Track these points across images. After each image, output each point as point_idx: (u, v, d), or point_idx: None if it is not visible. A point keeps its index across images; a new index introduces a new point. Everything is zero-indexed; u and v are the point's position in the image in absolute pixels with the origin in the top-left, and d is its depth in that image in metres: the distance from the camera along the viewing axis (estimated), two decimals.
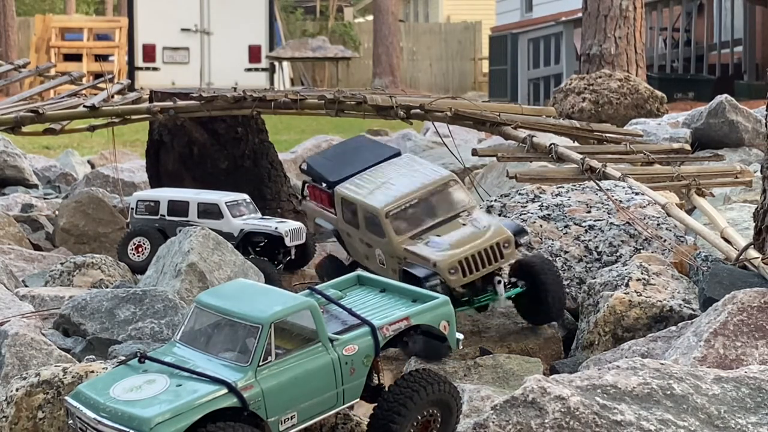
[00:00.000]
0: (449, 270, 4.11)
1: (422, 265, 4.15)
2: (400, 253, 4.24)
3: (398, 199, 4.29)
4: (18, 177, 10.70)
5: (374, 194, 4.35)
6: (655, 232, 5.23)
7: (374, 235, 4.31)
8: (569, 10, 21.75)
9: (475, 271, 4.15)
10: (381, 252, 4.30)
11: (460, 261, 4.12)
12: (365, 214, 4.33)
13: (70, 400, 3.14)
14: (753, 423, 3.38)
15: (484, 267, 4.17)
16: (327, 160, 4.89)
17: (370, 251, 4.39)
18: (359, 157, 4.76)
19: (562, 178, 5.76)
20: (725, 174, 5.96)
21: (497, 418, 3.33)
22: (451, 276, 4.11)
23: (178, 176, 7.50)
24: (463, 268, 4.13)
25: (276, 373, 3.13)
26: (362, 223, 4.36)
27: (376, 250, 4.34)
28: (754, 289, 4.14)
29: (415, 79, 35.19)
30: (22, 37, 31.58)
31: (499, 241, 4.19)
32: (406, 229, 4.28)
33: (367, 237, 4.36)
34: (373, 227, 4.30)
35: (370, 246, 4.36)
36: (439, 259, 4.12)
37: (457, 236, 4.22)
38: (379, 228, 4.27)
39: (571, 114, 10.65)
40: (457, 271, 4.12)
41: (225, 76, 25.37)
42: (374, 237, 4.31)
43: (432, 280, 4.10)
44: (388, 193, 4.32)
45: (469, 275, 4.14)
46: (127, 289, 5.01)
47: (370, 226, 4.33)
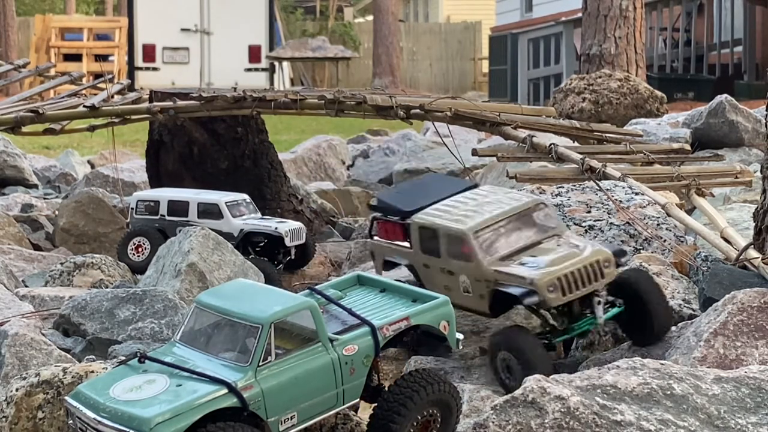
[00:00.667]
0: (548, 287, 3.80)
1: (517, 284, 3.88)
2: (490, 276, 3.93)
3: (485, 221, 4.03)
4: (18, 177, 10.70)
5: (457, 219, 4.08)
6: (655, 232, 5.23)
7: (458, 260, 4.03)
8: (569, 10, 21.75)
9: (575, 290, 3.86)
10: (466, 278, 4.01)
11: (559, 278, 3.83)
12: (448, 240, 4.05)
13: (70, 400, 3.14)
14: (753, 423, 3.38)
15: (584, 286, 3.88)
16: (398, 193, 4.63)
17: (452, 280, 4.09)
18: (434, 189, 4.48)
19: (562, 178, 5.76)
20: (725, 174, 5.96)
21: (497, 418, 3.33)
22: (550, 294, 3.81)
23: (178, 176, 7.50)
24: (563, 285, 3.83)
25: (276, 373, 3.13)
26: (444, 250, 4.07)
27: (461, 277, 4.04)
28: (754, 289, 4.14)
29: (415, 79, 35.18)
30: (22, 37, 31.57)
31: (600, 260, 3.92)
32: (495, 251, 4.00)
33: (449, 264, 4.07)
34: (457, 253, 4.03)
35: (453, 274, 4.07)
36: (537, 276, 3.82)
37: (553, 256, 3.95)
38: (464, 252, 3.99)
39: (571, 114, 10.65)
40: (557, 289, 3.82)
41: (225, 76, 25.35)
42: (458, 263, 4.03)
43: (529, 298, 3.81)
44: (473, 216, 4.05)
45: (568, 294, 3.85)
46: (127, 289, 5.01)
47: (452, 252, 4.05)
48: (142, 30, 27.28)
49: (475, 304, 4.01)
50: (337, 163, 11.40)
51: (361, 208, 9.17)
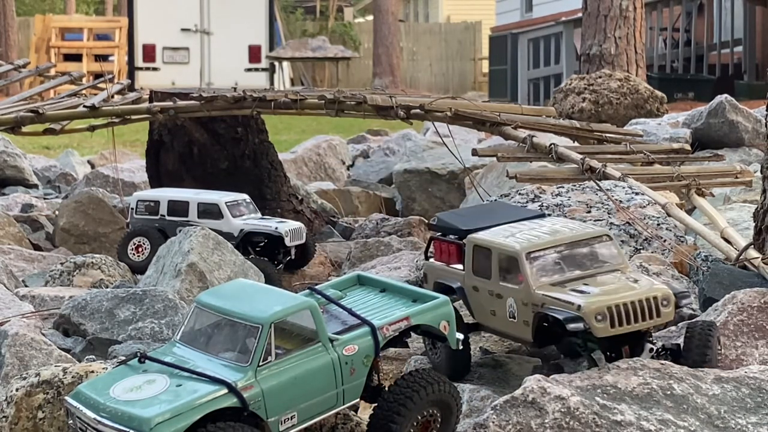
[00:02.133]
0: (596, 315, 3.57)
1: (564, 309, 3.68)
2: (537, 300, 3.74)
3: (542, 243, 3.85)
4: (18, 177, 10.70)
5: (514, 238, 3.92)
6: (655, 232, 5.23)
7: (508, 283, 3.85)
8: (569, 10, 21.75)
9: (626, 324, 3.60)
10: (513, 302, 3.82)
11: (609, 307, 3.59)
12: (500, 259, 3.88)
13: (70, 400, 3.14)
14: (753, 423, 3.38)
15: (637, 322, 3.62)
16: (460, 215, 4.47)
17: (499, 304, 3.90)
18: (499, 214, 4.33)
19: (562, 178, 5.76)
20: (725, 174, 5.97)
21: (497, 418, 3.33)
22: (597, 323, 3.57)
23: (178, 176, 7.50)
24: (612, 316, 3.58)
25: (276, 373, 3.13)
26: (495, 271, 3.90)
27: (508, 301, 3.85)
28: (754, 289, 4.15)
29: (415, 79, 35.18)
30: (22, 37, 31.56)
31: (657, 296, 3.65)
32: (547, 275, 3.81)
33: (498, 287, 3.90)
34: (508, 274, 3.86)
35: (501, 297, 3.89)
36: (585, 303, 3.60)
37: (607, 287, 3.72)
38: (515, 274, 3.83)
39: (571, 114, 10.65)
40: (605, 319, 3.58)
41: (225, 76, 25.36)
42: (507, 285, 3.85)
43: (575, 324, 3.58)
44: (530, 238, 3.88)
45: (618, 327, 3.59)
46: (127, 289, 5.01)
47: (504, 273, 3.87)
48: (142, 30, 27.28)
49: (520, 331, 3.84)
50: (337, 163, 11.40)
51: (361, 208, 9.17)
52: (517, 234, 3.95)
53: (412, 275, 5.32)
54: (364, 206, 9.19)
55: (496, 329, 3.95)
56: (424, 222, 7.45)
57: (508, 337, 4.06)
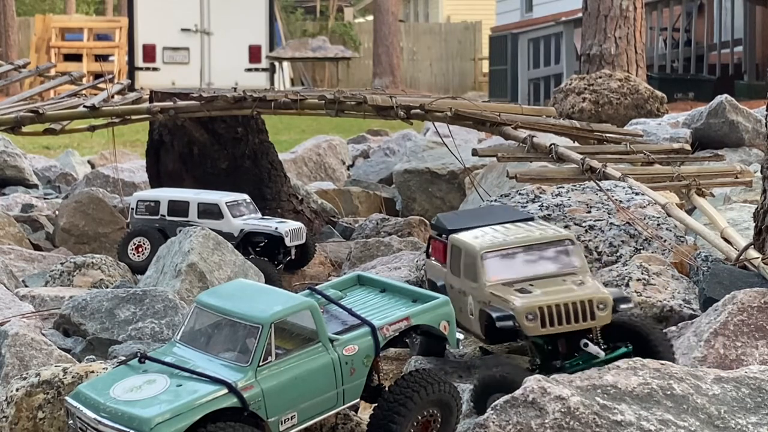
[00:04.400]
0: (527, 315, 3.68)
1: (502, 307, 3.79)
2: (486, 297, 3.86)
3: (500, 243, 3.94)
4: (18, 177, 10.70)
5: (479, 239, 4.01)
6: (655, 232, 5.23)
7: (469, 280, 3.97)
8: (569, 10, 21.75)
9: (557, 325, 3.70)
10: (471, 299, 3.94)
11: (540, 308, 3.69)
12: (465, 258, 4.00)
13: (70, 400, 3.14)
14: (753, 423, 3.38)
15: (569, 323, 3.71)
16: (456, 216, 4.61)
17: (463, 301, 4.01)
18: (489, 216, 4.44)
19: (562, 178, 5.76)
20: (725, 174, 5.97)
21: (497, 418, 3.33)
22: (527, 322, 3.68)
23: (178, 176, 7.50)
24: (543, 316, 3.69)
25: (276, 373, 3.13)
26: (462, 270, 4.02)
27: (468, 298, 3.97)
28: (754, 289, 4.15)
29: (415, 79, 35.19)
30: (22, 37, 31.57)
31: (593, 299, 3.73)
32: (501, 275, 3.89)
33: (464, 285, 4.01)
34: (470, 272, 3.97)
35: (465, 294, 4.01)
36: (519, 303, 3.71)
37: (551, 290, 3.80)
38: (473, 272, 3.94)
39: (571, 114, 10.65)
40: (536, 318, 3.68)
41: (225, 76, 25.37)
42: (469, 283, 3.97)
43: (504, 321, 3.70)
44: (493, 240, 3.98)
45: (549, 327, 3.70)
46: (127, 289, 5.01)
47: (467, 272, 3.99)
48: (142, 30, 27.30)
49: (476, 328, 3.95)
50: (337, 163, 11.40)
51: (361, 208, 9.17)
52: (487, 235, 4.05)
53: (412, 275, 5.32)
54: (364, 206, 9.19)
55: (464, 326, 4.03)
56: (425, 222, 7.46)
57: (471, 334, 4.11)
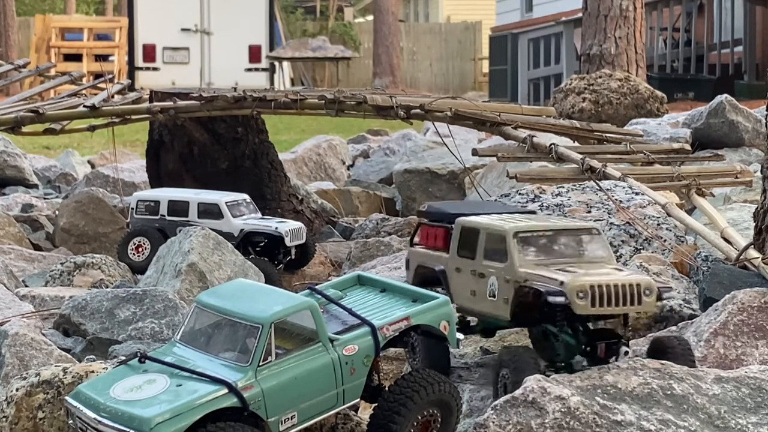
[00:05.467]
0: (578, 292, 3.56)
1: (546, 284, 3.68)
2: (521, 276, 3.75)
3: (531, 227, 3.88)
4: (18, 177, 10.71)
5: (503, 221, 3.96)
6: (655, 232, 5.23)
7: (493, 261, 3.86)
8: (569, 10, 21.74)
9: (607, 306, 3.59)
10: (495, 280, 3.84)
11: (592, 286, 3.58)
12: (488, 239, 3.91)
13: (71, 400, 3.14)
14: (753, 423, 3.39)
15: (618, 305, 3.60)
16: (451, 205, 4.61)
17: (480, 284, 3.91)
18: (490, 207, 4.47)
19: (562, 178, 5.77)
20: (725, 174, 5.97)
21: (497, 418, 3.33)
22: (578, 299, 3.56)
23: (179, 176, 7.50)
24: (594, 295, 3.57)
25: (276, 373, 3.13)
26: (480, 252, 3.93)
27: (490, 280, 3.86)
28: (754, 289, 4.15)
29: (415, 79, 35.18)
30: (22, 37, 31.56)
31: (641, 284, 3.64)
32: (533, 255, 3.83)
33: (481, 267, 3.92)
34: (494, 253, 3.87)
35: (483, 276, 3.90)
36: (569, 279, 3.61)
37: (594, 272, 3.72)
38: (501, 253, 3.83)
39: (571, 114, 10.65)
40: (587, 297, 3.56)
41: (225, 76, 25.35)
42: (492, 264, 3.87)
43: (555, 297, 3.59)
44: (519, 223, 3.92)
45: (599, 307, 3.58)
46: (127, 289, 5.01)
47: (489, 253, 3.89)
48: (142, 30, 27.29)
49: (498, 309, 3.85)
50: (337, 163, 11.40)
51: (361, 208, 9.17)
52: (506, 219, 4.04)
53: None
54: (364, 206, 9.19)
55: (473, 309, 3.98)
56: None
57: (483, 317, 4.05)
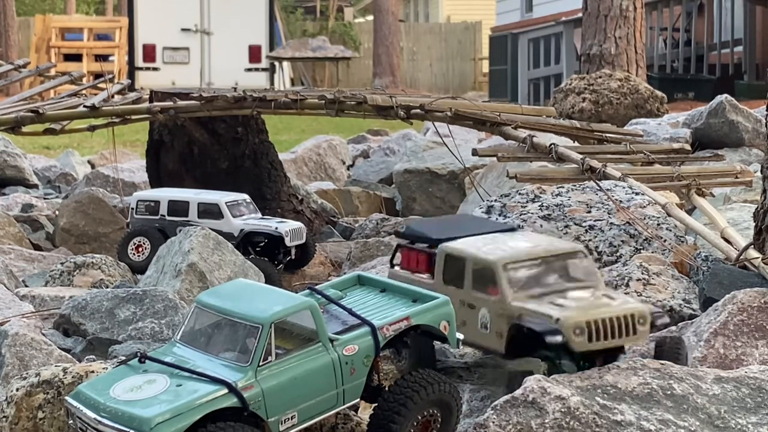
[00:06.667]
0: (574, 329, 3.52)
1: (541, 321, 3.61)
2: (513, 311, 3.67)
3: (518, 256, 3.79)
4: (18, 177, 10.70)
5: (489, 250, 3.85)
6: (655, 232, 5.23)
7: (482, 293, 3.79)
8: (569, 10, 21.75)
9: (603, 340, 3.55)
10: (487, 313, 3.76)
11: (588, 322, 3.54)
12: (475, 270, 3.82)
13: (71, 400, 3.14)
14: (753, 423, 3.39)
15: (614, 338, 3.58)
16: (430, 224, 4.45)
17: (470, 314, 3.83)
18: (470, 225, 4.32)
19: (562, 178, 5.77)
20: (725, 174, 5.97)
21: (497, 418, 3.33)
22: (575, 336, 3.52)
23: (179, 176, 7.50)
24: (591, 331, 3.53)
25: (276, 373, 3.13)
26: (468, 281, 3.84)
27: (481, 311, 3.79)
28: (754, 289, 4.15)
29: (415, 79, 35.20)
30: (22, 37, 31.58)
31: (635, 314, 3.61)
32: (523, 288, 3.74)
33: (470, 297, 3.83)
34: (482, 285, 3.78)
35: (473, 307, 3.83)
36: (564, 316, 3.55)
37: (584, 301, 3.67)
38: (489, 285, 3.75)
39: (571, 114, 10.65)
40: (583, 333, 3.52)
41: (225, 76, 25.38)
42: (481, 296, 3.79)
43: (552, 336, 3.52)
44: (506, 251, 3.82)
45: (595, 342, 3.55)
46: (127, 289, 5.01)
47: (477, 284, 3.81)
48: (143, 30, 27.32)
49: (491, 343, 3.77)
50: (337, 163, 11.40)
51: (361, 208, 9.17)
52: (491, 246, 3.90)
53: None
54: (364, 206, 9.19)
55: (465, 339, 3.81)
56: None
57: (476, 347, 3.97)
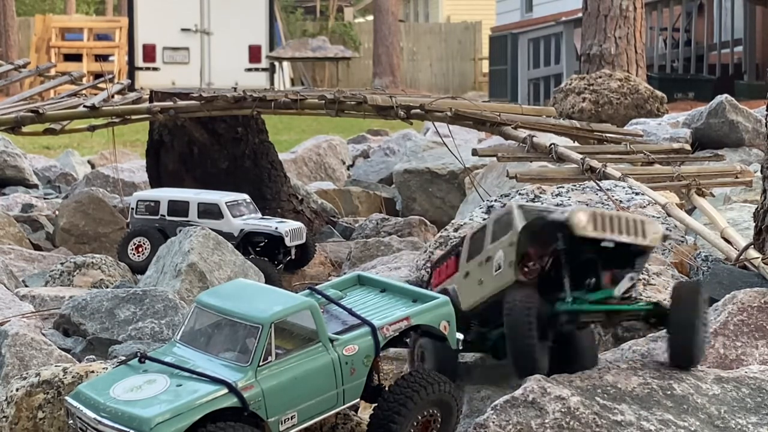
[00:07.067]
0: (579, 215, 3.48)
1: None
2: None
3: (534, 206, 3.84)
4: (18, 177, 10.70)
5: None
6: None
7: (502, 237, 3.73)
8: (569, 10, 21.76)
9: (610, 232, 3.48)
10: (501, 252, 3.71)
11: (594, 212, 3.50)
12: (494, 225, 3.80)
13: (71, 400, 3.14)
14: (753, 423, 3.39)
15: (622, 234, 3.49)
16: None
17: (486, 269, 3.79)
18: None
19: (562, 178, 5.77)
20: (725, 174, 5.97)
21: (497, 418, 3.33)
22: (579, 221, 3.47)
23: (179, 176, 7.51)
24: (596, 220, 3.49)
25: (276, 373, 3.13)
26: (489, 236, 3.81)
27: (497, 255, 3.74)
28: (754, 289, 4.15)
29: (415, 79, 35.20)
30: (22, 37, 31.58)
31: (644, 221, 3.55)
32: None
33: (488, 251, 3.79)
34: (501, 232, 3.75)
35: (489, 259, 3.79)
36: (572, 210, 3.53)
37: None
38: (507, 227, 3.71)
39: (571, 114, 10.66)
40: (589, 221, 3.47)
41: (225, 76, 25.38)
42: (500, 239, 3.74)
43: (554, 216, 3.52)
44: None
45: (600, 230, 3.48)
46: (127, 289, 5.01)
47: (498, 232, 3.76)
48: (142, 30, 27.32)
49: (504, 277, 3.70)
50: (337, 163, 11.40)
51: (361, 208, 9.17)
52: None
53: (412, 275, 5.32)
54: (364, 206, 9.19)
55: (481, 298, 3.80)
56: (424, 222, 7.46)
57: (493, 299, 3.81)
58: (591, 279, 3.58)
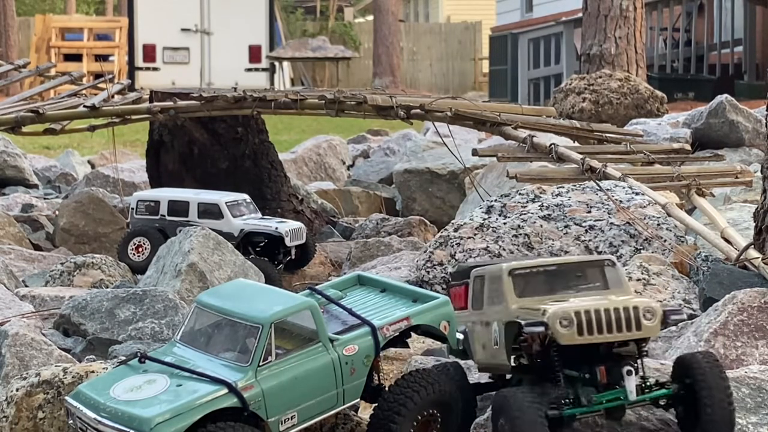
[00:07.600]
0: (561, 320, 3.17)
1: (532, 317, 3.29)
2: (514, 314, 3.36)
3: (528, 264, 3.49)
4: (18, 177, 10.70)
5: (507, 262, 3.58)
6: (655, 232, 5.23)
7: (495, 305, 3.49)
8: (569, 10, 21.74)
9: (597, 333, 3.17)
10: (497, 325, 3.44)
11: (577, 312, 3.18)
12: (490, 282, 3.54)
13: (71, 400, 3.14)
14: (753, 423, 3.38)
15: (611, 332, 3.18)
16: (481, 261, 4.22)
17: (487, 333, 3.53)
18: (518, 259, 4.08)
19: (562, 178, 5.77)
20: (725, 174, 5.97)
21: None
22: (561, 328, 3.16)
23: (179, 176, 7.50)
24: (581, 323, 3.17)
25: (276, 373, 3.13)
26: (486, 298, 3.55)
27: (493, 327, 3.47)
28: (754, 289, 4.14)
29: (415, 79, 35.17)
30: (22, 37, 31.55)
31: (638, 306, 3.21)
32: (530, 294, 3.43)
33: (486, 315, 3.54)
34: (495, 296, 3.50)
35: (488, 324, 3.52)
36: (552, 309, 3.22)
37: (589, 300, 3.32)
38: (499, 294, 3.46)
39: (571, 114, 10.65)
40: (572, 325, 3.17)
41: (225, 76, 25.34)
42: (494, 308, 3.49)
43: (533, 327, 3.21)
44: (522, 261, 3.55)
45: (587, 335, 3.17)
46: (127, 289, 5.01)
47: (491, 297, 3.52)
48: (143, 30, 27.29)
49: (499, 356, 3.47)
50: (337, 163, 11.40)
51: (361, 208, 9.17)
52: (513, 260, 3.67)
53: (412, 275, 5.32)
54: (364, 206, 9.19)
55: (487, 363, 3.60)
56: (425, 222, 7.46)
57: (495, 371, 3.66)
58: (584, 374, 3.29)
